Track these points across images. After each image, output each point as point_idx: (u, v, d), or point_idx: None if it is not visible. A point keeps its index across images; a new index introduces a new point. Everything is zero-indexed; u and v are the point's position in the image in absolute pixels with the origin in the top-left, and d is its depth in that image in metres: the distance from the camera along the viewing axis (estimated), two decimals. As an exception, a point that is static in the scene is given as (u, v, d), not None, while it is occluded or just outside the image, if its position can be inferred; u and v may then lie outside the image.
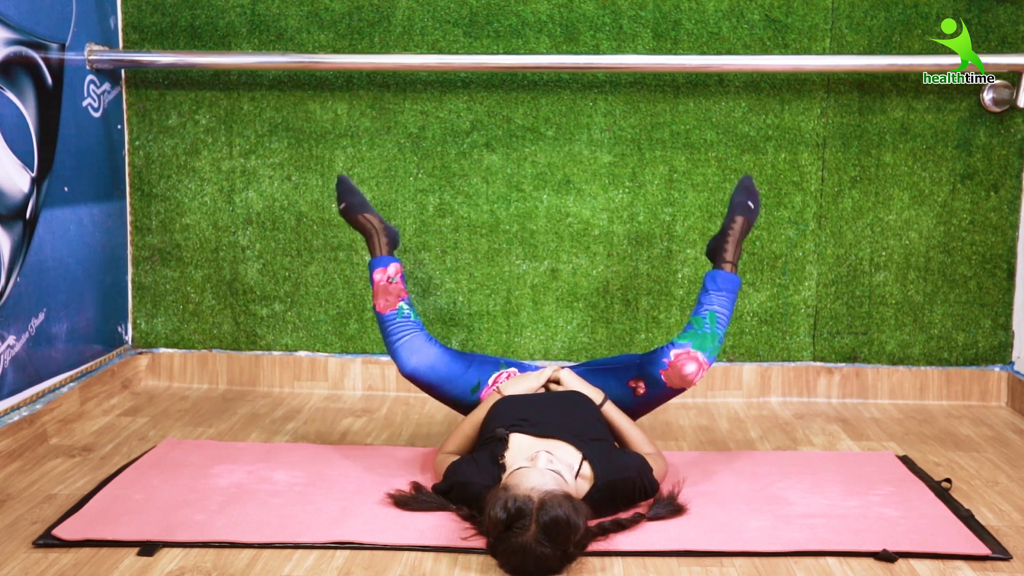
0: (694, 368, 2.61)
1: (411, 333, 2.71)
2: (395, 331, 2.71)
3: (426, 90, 3.43)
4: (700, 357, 2.62)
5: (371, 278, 2.78)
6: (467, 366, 2.74)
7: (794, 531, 2.29)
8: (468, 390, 2.73)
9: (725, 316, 2.69)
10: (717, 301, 2.70)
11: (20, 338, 2.84)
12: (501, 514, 2.04)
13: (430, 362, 2.69)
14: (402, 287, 2.76)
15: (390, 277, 2.75)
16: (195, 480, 2.57)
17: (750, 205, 2.81)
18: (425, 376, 2.69)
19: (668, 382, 2.63)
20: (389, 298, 2.73)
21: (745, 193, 2.83)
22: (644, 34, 3.38)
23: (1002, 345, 3.46)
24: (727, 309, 2.70)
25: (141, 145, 3.50)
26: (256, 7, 3.43)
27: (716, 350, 2.65)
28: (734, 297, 2.72)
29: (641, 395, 2.69)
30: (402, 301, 2.74)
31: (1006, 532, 2.33)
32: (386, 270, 2.76)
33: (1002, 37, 3.33)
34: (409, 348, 2.69)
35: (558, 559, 2.05)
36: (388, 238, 2.85)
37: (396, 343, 2.70)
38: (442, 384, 2.71)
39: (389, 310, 2.73)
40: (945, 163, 3.40)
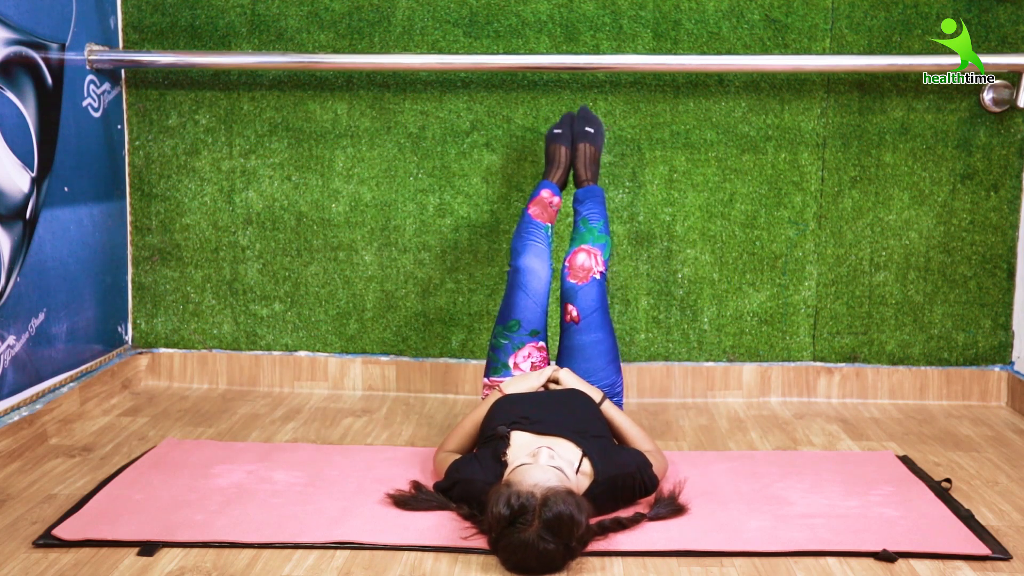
0: (584, 256, 2.83)
1: (544, 244, 2.91)
2: (534, 235, 2.92)
3: (426, 90, 3.43)
4: (585, 247, 2.88)
5: (536, 190, 3.03)
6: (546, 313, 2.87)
7: (794, 531, 2.29)
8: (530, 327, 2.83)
9: (596, 214, 2.94)
10: (584, 210, 2.98)
11: (20, 338, 2.84)
12: (504, 510, 2.04)
13: (541, 275, 2.86)
14: (555, 214, 3.00)
15: (554, 202, 3.01)
16: (195, 480, 2.57)
17: (589, 131, 3.11)
18: (529, 279, 2.84)
19: (575, 279, 2.82)
20: (545, 212, 2.97)
21: (582, 122, 3.13)
22: (644, 34, 3.38)
23: (1002, 345, 3.46)
24: (596, 210, 2.97)
25: (141, 145, 3.51)
26: (256, 7, 3.43)
27: (600, 238, 2.88)
28: (601, 200, 3.01)
29: (576, 316, 2.81)
30: (551, 223, 2.98)
31: (1006, 532, 2.33)
32: (555, 196, 3.03)
33: (1002, 37, 3.33)
34: (536, 251, 2.87)
35: (560, 555, 2.05)
36: (565, 176, 3.12)
37: (528, 240, 2.89)
38: (529, 297, 2.83)
39: (539, 219, 2.95)
40: (945, 163, 3.40)
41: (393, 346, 3.52)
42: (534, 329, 2.83)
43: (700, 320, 3.47)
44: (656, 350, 3.49)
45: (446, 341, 3.51)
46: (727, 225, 3.44)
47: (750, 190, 3.42)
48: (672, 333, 3.47)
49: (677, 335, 3.48)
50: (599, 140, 3.13)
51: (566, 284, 2.84)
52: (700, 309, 3.47)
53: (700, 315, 3.47)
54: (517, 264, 2.86)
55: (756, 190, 3.42)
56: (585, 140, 3.10)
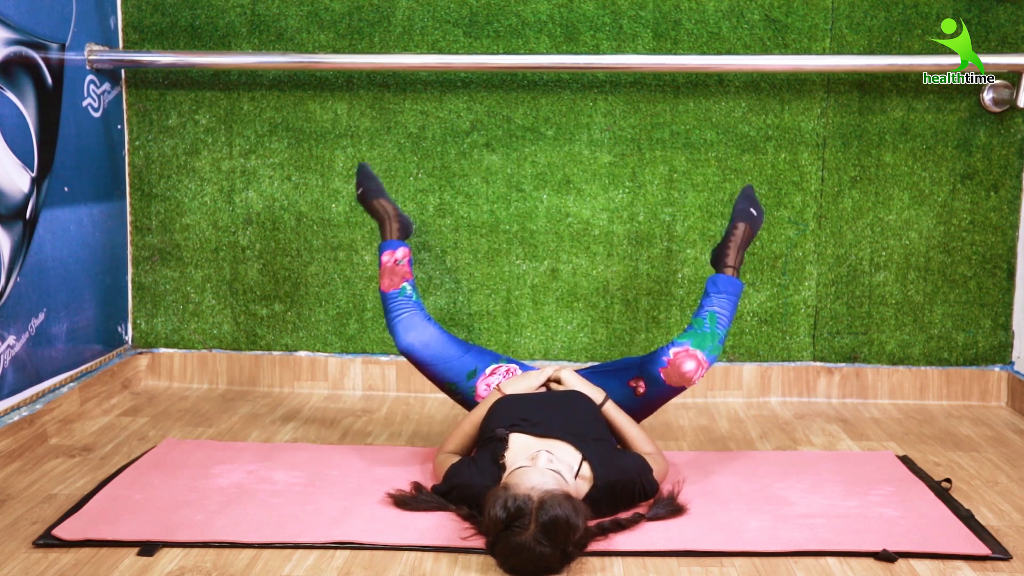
0: (693, 366, 2.62)
1: (410, 311, 2.79)
2: (395, 308, 2.79)
3: (426, 90, 3.43)
4: (699, 355, 2.63)
5: (379, 259, 2.88)
6: (464, 351, 2.79)
7: (794, 531, 2.29)
8: (464, 375, 2.75)
9: (726, 317, 2.71)
10: (717, 303, 2.73)
11: (20, 338, 2.84)
12: (500, 513, 2.04)
13: (425, 339, 2.75)
14: (408, 270, 2.86)
15: (397, 260, 2.86)
16: (195, 480, 2.57)
17: (752, 212, 2.86)
18: (420, 353, 2.74)
19: (667, 380, 2.64)
20: (394, 278, 2.83)
21: (747, 201, 2.89)
22: (644, 34, 3.38)
23: (1002, 345, 3.46)
24: (727, 311, 2.72)
25: (141, 145, 3.50)
26: (256, 7, 3.43)
27: (716, 349, 2.66)
28: (735, 300, 2.75)
29: (641, 395, 2.69)
30: (406, 282, 2.83)
31: (1006, 532, 2.33)
32: (394, 252, 2.87)
33: (1002, 37, 3.33)
34: (407, 324, 2.76)
35: (557, 559, 2.05)
36: (400, 224, 2.97)
37: (395, 319, 2.78)
38: (436, 363, 2.75)
39: (392, 289, 2.82)
40: (945, 163, 3.40)
41: (393, 346, 3.52)
42: (468, 373, 2.76)
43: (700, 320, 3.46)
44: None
45: (446, 341, 3.51)
46: (727, 225, 3.43)
47: (750, 190, 3.42)
48: (672, 333, 3.47)
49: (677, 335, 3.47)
50: (758, 226, 2.88)
51: (655, 373, 2.64)
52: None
53: (700, 315, 3.47)
54: (400, 348, 2.75)
55: (756, 190, 3.42)
56: (746, 221, 2.84)
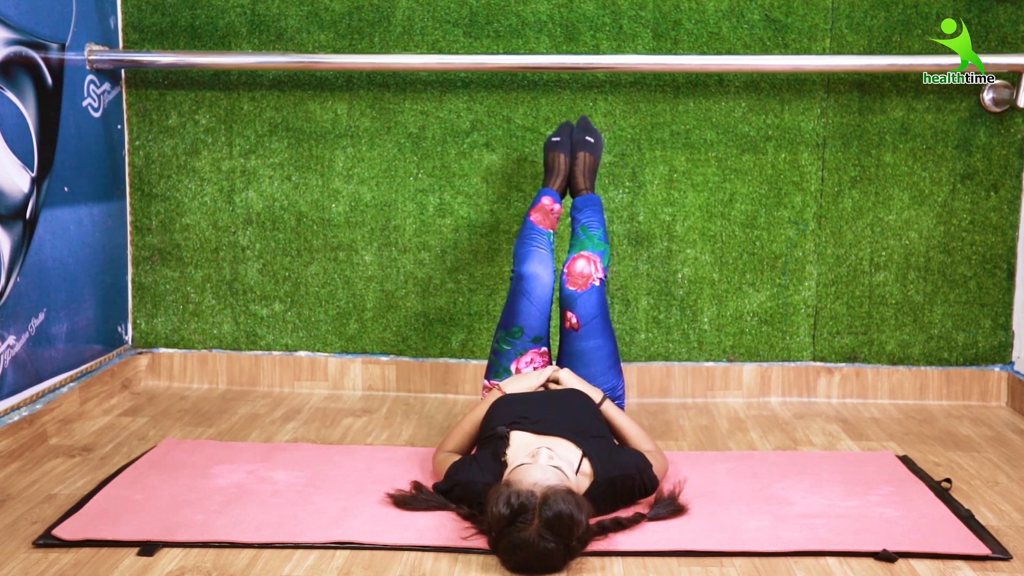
0: (583, 263, 2.83)
1: (547, 252, 2.89)
2: (538, 240, 2.90)
3: (426, 90, 3.43)
4: (584, 253, 2.84)
5: (537, 197, 3.01)
6: (549, 319, 2.85)
7: (794, 531, 2.29)
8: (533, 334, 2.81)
9: (595, 221, 2.94)
10: (583, 218, 2.97)
11: (20, 338, 2.84)
12: (504, 510, 2.04)
13: (544, 281, 2.83)
14: (556, 220, 2.99)
15: (555, 209, 2.99)
16: (195, 480, 2.57)
17: (590, 140, 3.11)
18: (531, 285, 2.81)
19: (574, 285, 2.80)
20: (547, 219, 2.96)
21: (581, 132, 3.13)
22: (644, 34, 3.38)
23: (1002, 345, 3.46)
24: (595, 218, 2.96)
25: (141, 145, 3.51)
26: (256, 7, 3.43)
27: (598, 245, 2.87)
28: (599, 208, 3.01)
29: (577, 323, 2.80)
30: (552, 229, 2.96)
31: (1006, 532, 2.33)
32: (555, 202, 3.01)
33: (1002, 37, 3.33)
34: (541, 258, 2.86)
35: (560, 554, 2.06)
36: (565, 184, 3.10)
37: (531, 247, 2.88)
38: (533, 304, 2.81)
39: (541, 226, 2.94)
40: (945, 163, 3.40)
41: (393, 346, 3.53)
42: (537, 335, 2.82)
43: (700, 320, 3.47)
44: (656, 350, 3.49)
45: (446, 341, 3.51)
46: (727, 225, 3.44)
47: (750, 190, 3.42)
48: (672, 333, 3.47)
49: (677, 335, 3.48)
50: (598, 150, 3.14)
51: (565, 291, 2.83)
52: (700, 309, 3.47)
53: (700, 315, 3.47)
54: (521, 270, 2.84)
55: (756, 190, 3.42)
56: (584, 149, 3.10)
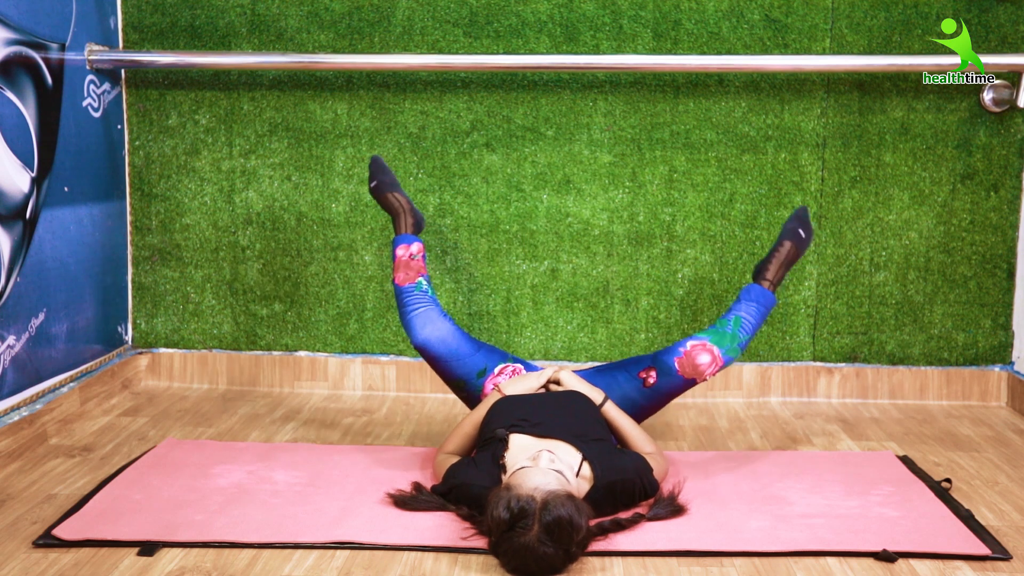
0: (708, 359, 2.65)
1: (426, 306, 2.78)
2: (411, 303, 2.78)
3: (426, 90, 3.43)
4: (715, 351, 2.66)
5: (393, 253, 2.89)
6: (476, 349, 2.78)
7: (794, 531, 2.29)
8: (474, 373, 2.75)
9: (751, 324, 2.74)
10: (746, 310, 2.77)
11: (20, 338, 2.84)
12: (504, 514, 2.04)
13: (441, 335, 2.74)
14: (422, 265, 2.86)
15: (412, 254, 2.87)
16: (195, 480, 2.57)
17: (800, 233, 2.92)
18: (435, 348, 2.73)
19: (680, 370, 2.66)
20: (410, 272, 2.83)
21: (797, 222, 2.94)
22: (644, 34, 3.38)
23: (1002, 345, 3.46)
24: (754, 319, 2.76)
25: (141, 145, 3.50)
26: (256, 7, 3.43)
27: (733, 351, 2.69)
28: (765, 312, 2.79)
29: (651, 385, 2.70)
30: (421, 276, 2.83)
31: (1006, 532, 2.33)
32: (409, 247, 2.88)
33: (1002, 37, 3.33)
34: (423, 319, 2.75)
35: (560, 559, 2.06)
36: (414, 219, 2.97)
37: (411, 313, 2.77)
38: (450, 360, 2.74)
39: (407, 283, 2.82)
40: (945, 163, 3.40)
41: (393, 346, 3.52)
42: (479, 371, 2.76)
43: (700, 320, 3.47)
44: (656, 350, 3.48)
45: (446, 341, 3.50)
46: (727, 225, 3.44)
47: (750, 190, 3.42)
48: (672, 333, 3.47)
49: (677, 335, 3.47)
50: (804, 248, 2.93)
51: (669, 363, 2.66)
52: (700, 309, 3.47)
53: (700, 315, 3.47)
54: (416, 343, 2.73)
55: (756, 190, 3.42)
56: (792, 240, 2.90)
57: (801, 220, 2.95)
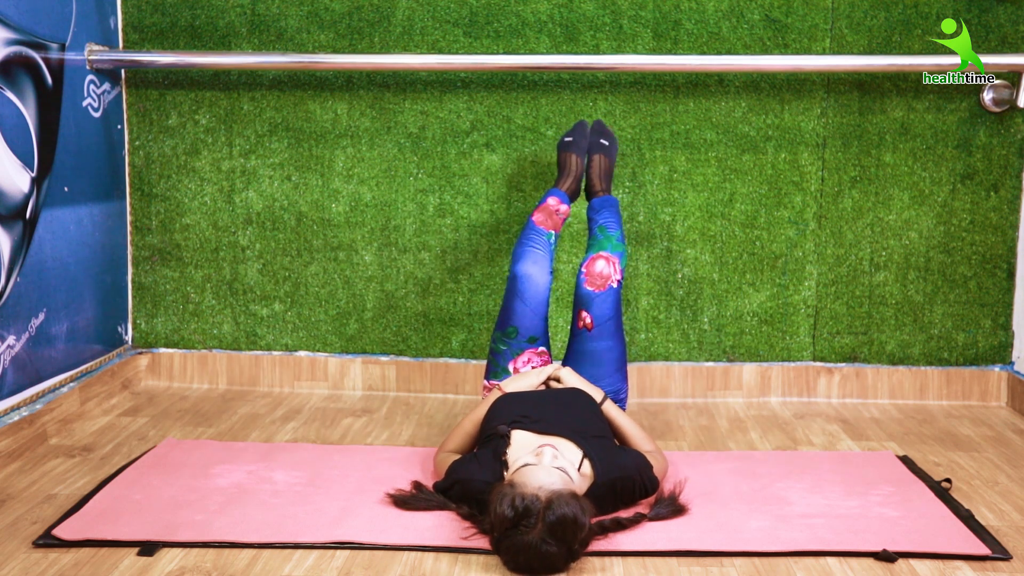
0: (603, 263, 2.78)
1: (544, 251, 2.85)
2: (535, 240, 2.86)
3: (426, 90, 3.43)
4: (603, 254, 2.80)
5: (544, 198, 2.98)
6: (546, 318, 2.83)
7: (794, 531, 2.29)
8: (529, 334, 2.80)
9: (613, 222, 2.91)
10: (600, 218, 2.95)
11: (20, 338, 2.84)
12: (508, 512, 2.04)
13: (539, 281, 2.79)
14: (561, 222, 2.95)
15: (559, 210, 2.95)
16: (195, 480, 2.57)
17: (604, 143, 3.11)
18: (525, 285, 2.78)
19: (594, 288, 2.76)
20: (548, 220, 2.91)
21: (596, 134, 3.13)
22: (644, 34, 3.38)
23: (1002, 345, 3.46)
24: (613, 217, 2.94)
25: (141, 145, 3.51)
26: (256, 7, 3.43)
27: (617, 246, 2.84)
28: (616, 210, 2.99)
29: (591, 324, 2.78)
30: (555, 231, 2.91)
31: (1006, 532, 2.33)
32: (561, 203, 2.97)
33: (1002, 37, 3.33)
34: (536, 258, 2.82)
35: (563, 558, 2.06)
36: (576, 186, 3.06)
37: (528, 246, 2.84)
38: (528, 304, 2.78)
39: (542, 226, 2.89)
40: (945, 163, 3.40)
41: (393, 346, 3.53)
42: (532, 336, 2.80)
43: (700, 320, 3.47)
44: (656, 350, 3.49)
45: (446, 341, 3.51)
46: (727, 225, 3.44)
47: (750, 190, 3.43)
48: (672, 333, 3.47)
49: (677, 335, 3.48)
50: (613, 152, 3.13)
51: (582, 291, 2.79)
52: (700, 309, 3.47)
53: (700, 315, 3.47)
54: (515, 271, 2.81)
55: (756, 190, 3.42)
56: (599, 152, 3.10)
57: (597, 131, 3.13)
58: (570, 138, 3.12)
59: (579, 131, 3.15)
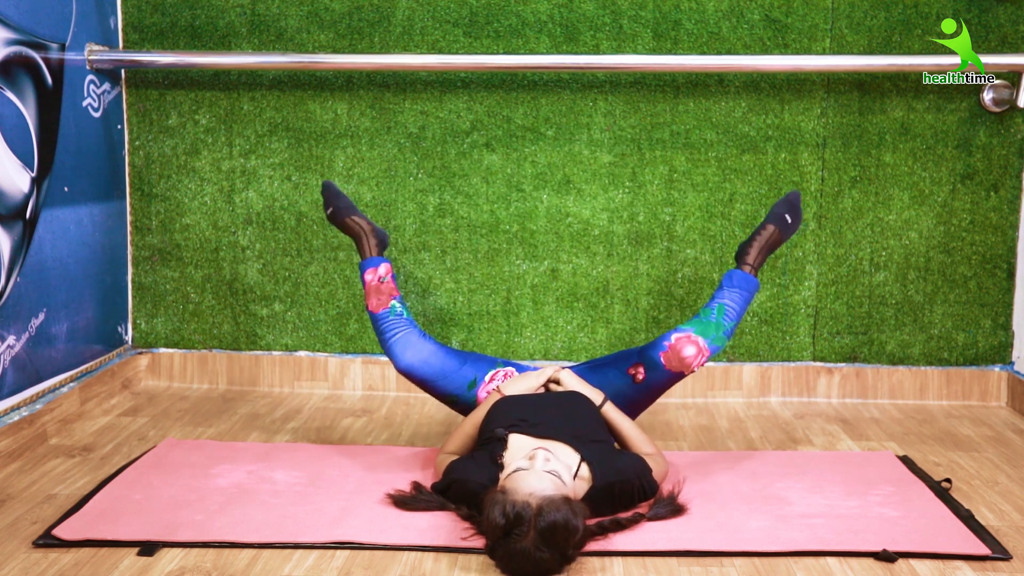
0: (693, 351, 2.63)
1: (404, 330, 2.73)
2: (388, 328, 2.73)
3: (426, 90, 3.43)
4: (701, 342, 2.64)
5: (362, 279, 2.82)
6: (462, 362, 2.75)
7: (794, 531, 2.29)
8: (464, 386, 2.73)
9: (735, 311, 2.71)
10: (729, 296, 2.73)
11: (20, 338, 2.84)
12: (500, 519, 2.04)
13: (424, 357, 2.70)
14: (393, 286, 2.78)
15: (381, 277, 2.79)
16: (195, 480, 2.57)
17: (787, 219, 2.84)
18: (420, 371, 2.70)
19: (667, 364, 2.64)
20: (381, 297, 2.76)
21: (786, 206, 2.86)
22: (644, 34, 3.38)
23: (1002, 345, 3.46)
24: (737, 305, 2.72)
25: (141, 145, 3.51)
26: (256, 7, 3.43)
27: (719, 340, 2.66)
28: (748, 297, 2.75)
29: (640, 381, 2.68)
30: (394, 300, 2.76)
31: (1006, 532, 2.33)
32: (376, 270, 2.80)
33: (1002, 37, 3.33)
34: (403, 344, 2.71)
35: (557, 562, 2.06)
36: (377, 239, 2.89)
37: (390, 340, 2.72)
38: (437, 380, 2.71)
39: (381, 309, 2.75)
40: (945, 163, 3.40)
41: (393, 346, 3.52)
42: (469, 383, 2.74)
43: (700, 320, 3.47)
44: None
45: (446, 341, 3.51)
46: (727, 225, 3.44)
47: (750, 190, 3.42)
48: (672, 333, 3.47)
49: (678, 334, 3.47)
50: (788, 233, 2.85)
51: (655, 358, 2.64)
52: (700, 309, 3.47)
53: (700, 315, 3.47)
54: (400, 369, 2.69)
55: (756, 190, 3.42)
56: (776, 224, 2.82)
57: (790, 205, 2.88)
58: (330, 208, 2.93)
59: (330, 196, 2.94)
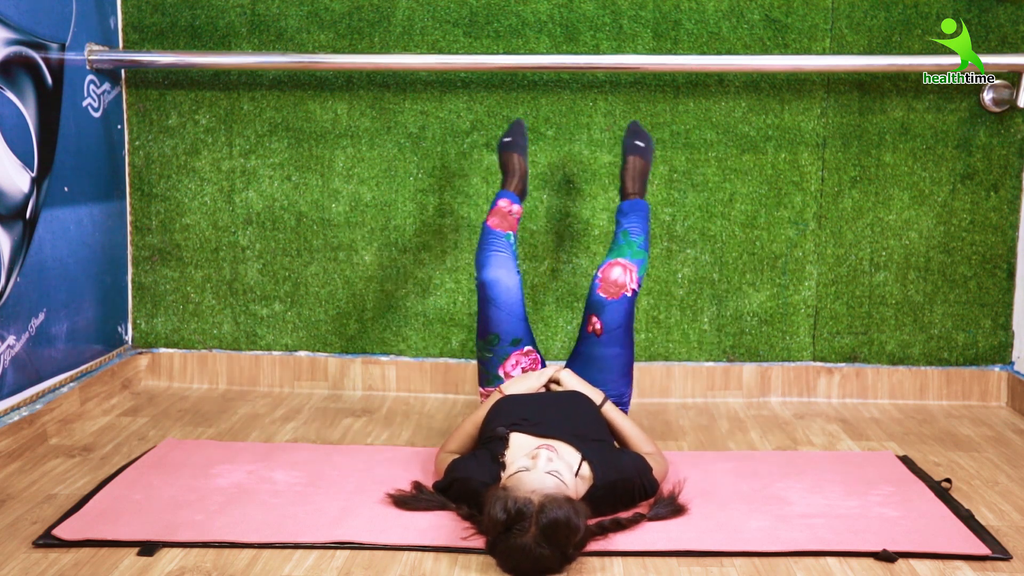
0: (620, 271, 2.74)
1: (506, 253, 2.81)
2: (494, 244, 2.82)
3: (426, 90, 3.43)
4: (622, 261, 2.76)
5: (495, 201, 2.95)
6: (524, 318, 2.79)
7: (794, 531, 2.29)
8: (512, 337, 2.76)
9: (638, 228, 2.87)
10: (627, 223, 2.90)
11: (20, 338, 2.84)
12: (501, 515, 2.04)
13: (509, 284, 2.76)
14: (516, 222, 2.92)
15: (512, 211, 2.92)
16: (195, 480, 2.57)
17: (639, 144, 3.07)
18: (496, 290, 2.74)
19: (607, 295, 2.73)
20: (504, 222, 2.88)
21: (632, 136, 3.10)
22: (644, 34, 3.38)
23: (1002, 345, 3.46)
24: (638, 225, 2.90)
25: (141, 145, 3.51)
26: (256, 7, 3.43)
27: (638, 254, 2.79)
28: (644, 215, 2.94)
29: (600, 329, 2.74)
30: (512, 231, 2.88)
31: (1006, 532, 2.33)
32: (512, 203, 2.95)
33: (1002, 37, 3.33)
34: (499, 262, 2.78)
35: (557, 560, 2.06)
36: (523, 186, 3.05)
37: (489, 252, 2.80)
38: (503, 309, 2.74)
39: (498, 228, 2.86)
40: (945, 163, 3.40)
41: (393, 346, 3.52)
42: (515, 339, 2.76)
43: (700, 320, 3.47)
44: (656, 350, 3.49)
45: (446, 341, 3.51)
46: (727, 225, 3.44)
47: (750, 190, 3.43)
48: (672, 333, 3.47)
49: (677, 335, 3.48)
50: (649, 155, 3.09)
51: (594, 296, 2.74)
52: (700, 309, 3.47)
53: (700, 315, 3.47)
54: (482, 278, 2.76)
55: (756, 190, 3.42)
56: (635, 153, 3.06)
57: (634, 132, 3.09)
58: (509, 138, 3.10)
59: (516, 130, 3.13)
